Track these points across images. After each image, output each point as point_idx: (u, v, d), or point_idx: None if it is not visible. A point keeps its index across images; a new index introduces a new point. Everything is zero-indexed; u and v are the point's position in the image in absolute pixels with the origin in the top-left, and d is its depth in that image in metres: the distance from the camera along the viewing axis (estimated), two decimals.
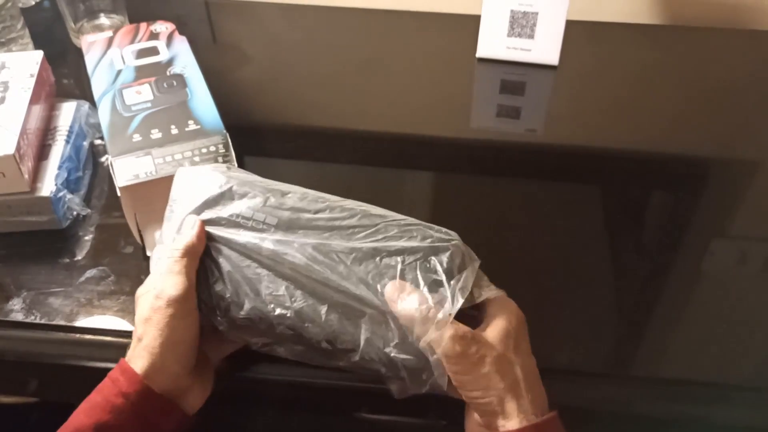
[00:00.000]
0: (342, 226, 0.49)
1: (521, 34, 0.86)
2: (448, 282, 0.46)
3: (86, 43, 0.75)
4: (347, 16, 0.99)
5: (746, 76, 0.89)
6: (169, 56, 0.73)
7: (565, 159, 0.79)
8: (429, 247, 0.47)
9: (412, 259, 0.47)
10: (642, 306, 0.63)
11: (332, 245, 0.48)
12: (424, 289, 0.45)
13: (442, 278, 0.46)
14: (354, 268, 0.47)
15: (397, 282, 0.46)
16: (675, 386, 0.56)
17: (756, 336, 0.60)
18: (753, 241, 0.69)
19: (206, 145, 0.64)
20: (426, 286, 0.46)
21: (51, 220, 0.66)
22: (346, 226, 0.49)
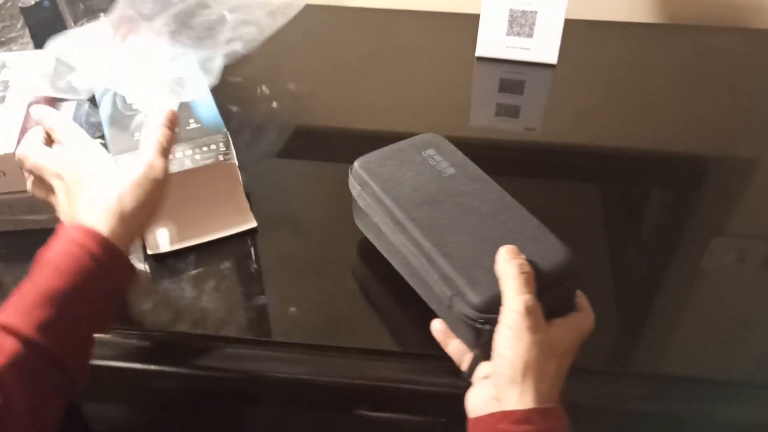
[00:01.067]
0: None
1: (520, 33, 0.87)
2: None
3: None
4: (346, 14, 0.99)
5: (744, 75, 0.89)
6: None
7: (564, 157, 0.79)
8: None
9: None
10: (641, 304, 0.63)
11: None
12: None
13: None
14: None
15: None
16: (675, 383, 0.57)
17: (755, 333, 0.61)
18: (752, 239, 0.69)
19: (207, 143, 0.64)
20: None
21: (51, 219, 0.66)
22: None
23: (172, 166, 0.62)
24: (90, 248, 0.47)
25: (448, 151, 0.62)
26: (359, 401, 0.60)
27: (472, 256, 0.52)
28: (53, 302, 0.45)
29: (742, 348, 0.59)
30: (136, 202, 0.51)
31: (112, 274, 0.49)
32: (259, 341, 0.58)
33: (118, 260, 0.49)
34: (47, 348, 0.44)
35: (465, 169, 0.60)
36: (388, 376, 0.57)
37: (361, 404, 0.61)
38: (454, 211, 0.56)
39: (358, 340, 0.58)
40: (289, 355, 0.57)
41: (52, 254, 0.48)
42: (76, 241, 0.48)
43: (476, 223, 0.55)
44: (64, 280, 0.46)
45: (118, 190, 0.51)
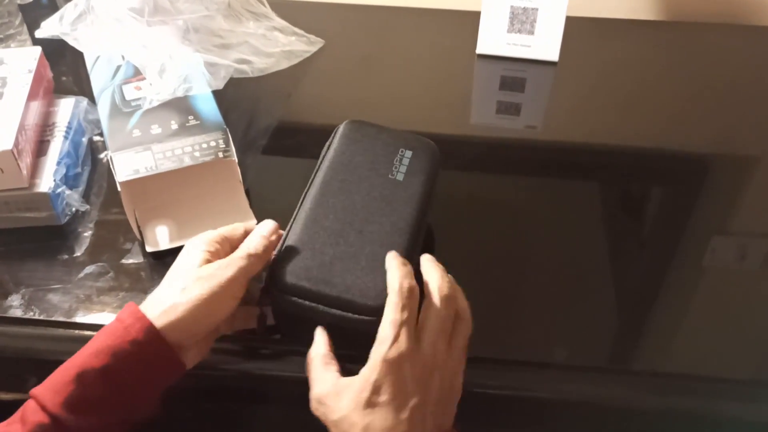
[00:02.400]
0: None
1: (521, 30, 0.86)
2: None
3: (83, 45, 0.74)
4: (347, 12, 0.98)
5: (746, 72, 0.89)
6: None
7: (565, 155, 0.79)
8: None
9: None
10: (642, 302, 0.63)
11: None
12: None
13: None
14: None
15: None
16: (675, 381, 0.56)
17: (756, 331, 0.60)
18: (753, 237, 0.69)
19: (206, 140, 0.64)
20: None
21: (49, 216, 0.66)
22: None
23: (170, 164, 0.62)
24: (133, 334, 0.47)
25: (423, 162, 0.60)
26: None
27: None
28: (85, 382, 0.45)
29: (743, 346, 0.59)
30: (195, 296, 0.48)
31: (151, 361, 0.47)
32: (259, 340, 0.58)
33: (159, 348, 0.47)
34: (67, 426, 0.45)
35: (412, 185, 0.58)
36: None
37: None
38: (348, 210, 0.55)
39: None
40: (288, 355, 0.57)
41: (100, 332, 0.48)
42: (122, 321, 0.47)
43: (351, 228, 0.54)
44: (99, 360, 0.46)
45: (182, 283, 0.49)
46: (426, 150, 0.62)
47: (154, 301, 0.49)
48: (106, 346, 0.46)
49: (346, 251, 0.53)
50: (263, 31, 0.85)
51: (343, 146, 0.61)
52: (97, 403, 0.46)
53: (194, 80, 0.68)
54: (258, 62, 0.80)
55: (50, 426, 0.44)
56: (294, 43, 0.87)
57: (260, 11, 0.87)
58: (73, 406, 0.45)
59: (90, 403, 0.45)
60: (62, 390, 0.45)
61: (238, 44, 0.81)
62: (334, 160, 0.60)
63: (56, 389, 0.45)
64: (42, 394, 0.45)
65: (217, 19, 0.80)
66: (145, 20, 0.70)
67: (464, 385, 0.51)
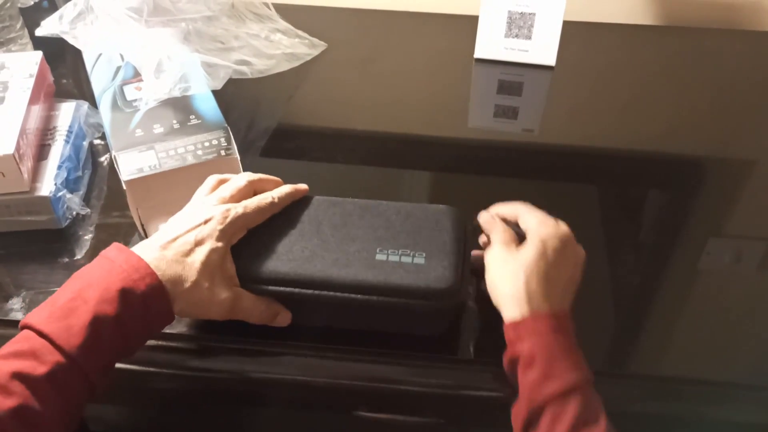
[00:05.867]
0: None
1: (519, 35, 0.87)
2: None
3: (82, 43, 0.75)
4: (348, 15, 0.99)
5: (742, 77, 0.89)
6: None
7: (562, 159, 0.79)
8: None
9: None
10: (639, 305, 0.63)
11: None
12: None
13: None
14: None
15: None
16: (672, 384, 0.57)
17: (752, 334, 0.61)
18: (749, 240, 0.70)
19: (208, 138, 0.64)
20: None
21: (50, 220, 0.66)
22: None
23: (173, 162, 0.62)
24: (142, 285, 0.49)
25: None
26: (358, 402, 0.60)
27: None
28: (97, 326, 0.47)
29: (739, 349, 0.59)
30: (195, 267, 0.52)
31: (154, 314, 0.51)
32: (258, 342, 0.58)
33: (162, 303, 0.50)
34: (83, 367, 0.47)
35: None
36: (387, 377, 0.57)
37: (360, 405, 0.61)
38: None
39: (356, 341, 0.58)
40: (287, 356, 0.58)
41: (105, 276, 0.49)
42: (132, 270, 0.50)
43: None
44: (112, 307, 0.48)
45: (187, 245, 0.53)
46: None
47: (154, 257, 0.51)
48: (118, 295, 0.48)
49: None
50: (266, 33, 0.86)
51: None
52: (107, 347, 0.48)
53: (192, 80, 0.69)
54: (258, 64, 0.81)
55: (68, 366, 0.46)
56: (296, 46, 0.87)
57: (264, 13, 0.88)
58: (88, 349, 0.47)
59: (101, 347, 0.47)
60: (78, 333, 0.46)
61: (239, 46, 0.81)
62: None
63: (72, 332, 0.46)
64: (59, 336, 0.46)
65: (220, 20, 0.81)
66: (144, 20, 0.70)
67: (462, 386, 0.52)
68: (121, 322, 0.48)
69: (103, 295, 0.48)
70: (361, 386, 0.57)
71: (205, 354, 0.58)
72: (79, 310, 0.47)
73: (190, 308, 0.53)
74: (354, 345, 0.57)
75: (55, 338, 0.46)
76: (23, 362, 0.45)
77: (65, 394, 0.46)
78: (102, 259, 0.51)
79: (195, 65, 0.72)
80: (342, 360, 0.57)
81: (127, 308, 0.48)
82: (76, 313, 0.47)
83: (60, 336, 0.46)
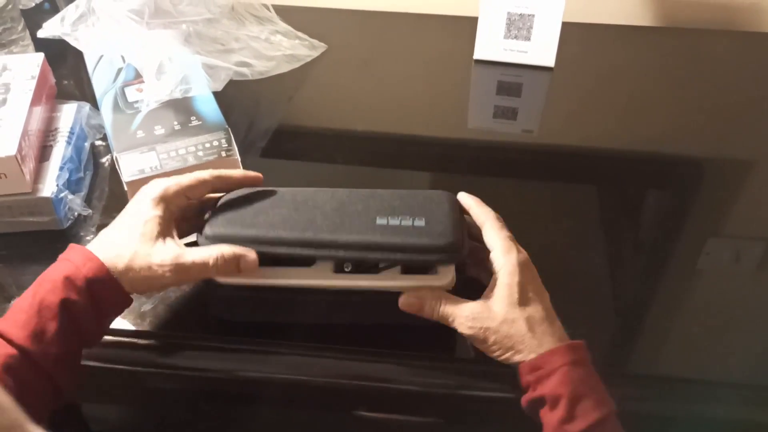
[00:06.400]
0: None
1: (518, 36, 0.87)
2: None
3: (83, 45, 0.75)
4: (348, 17, 0.99)
5: (741, 77, 0.90)
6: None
7: (562, 159, 0.79)
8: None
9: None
10: (638, 305, 0.63)
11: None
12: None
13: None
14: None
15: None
16: (671, 384, 0.57)
17: (751, 334, 0.61)
18: (747, 240, 0.70)
19: (209, 140, 0.65)
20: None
21: (52, 221, 0.67)
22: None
23: (174, 163, 0.62)
24: (85, 271, 0.50)
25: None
26: (358, 402, 0.60)
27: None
28: (47, 315, 0.49)
29: (739, 349, 0.60)
30: (127, 225, 0.53)
31: (103, 295, 0.51)
32: (257, 342, 0.58)
33: (109, 283, 0.51)
34: (36, 357, 0.48)
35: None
36: (387, 377, 0.57)
37: (360, 405, 0.61)
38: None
39: (356, 341, 0.58)
40: (287, 356, 0.58)
41: (51, 270, 0.51)
42: (72, 260, 0.51)
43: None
44: (57, 295, 0.49)
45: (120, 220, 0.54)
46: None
47: (97, 244, 0.53)
48: (62, 283, 0.50)
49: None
50: (266, 35, 0.86)
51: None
52: (56, 334, 0.49)
53: (193, 82, 0.69)
54: (258, 65, 0.81)
55: (18, 357, 0.47)
56: (296, 47, 0.87)
57: (264, 15, 0.88)
58: (37, 338, 0.48)
59: (51, 334, 0.49)
60: (26, 324, 0.48)
61: (239, 47, 0.82)
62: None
63: (20, 324, 0.49)
64: (7, 330, 0.48)
65: (220, 22, 0.81)
66: (145, 22, 0.71)
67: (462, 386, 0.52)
68: (67, 307, 0.49)
69: (48, 286, 0.50)
70: (360, 386, 0.57)
71: (204, 353, 0.58)
72: (26, 303, 0.49)
73: (139, 282, 0.52)
74: (353, 344, 0.58)
75: (5, 332, 0.48)
76: None
77: (23, 385, 0.47)
78: (57, 261, 0.53)
79: (196, 67, 0.72)
80: (341, 360, 0.57)
81: (72, 293, 0.49)
82: (24, 306, 0.49)
83: (9, 329, 0.48)
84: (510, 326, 0.51)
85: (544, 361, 0.50)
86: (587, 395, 0.49)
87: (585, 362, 0.51)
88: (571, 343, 0.51)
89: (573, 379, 0.49)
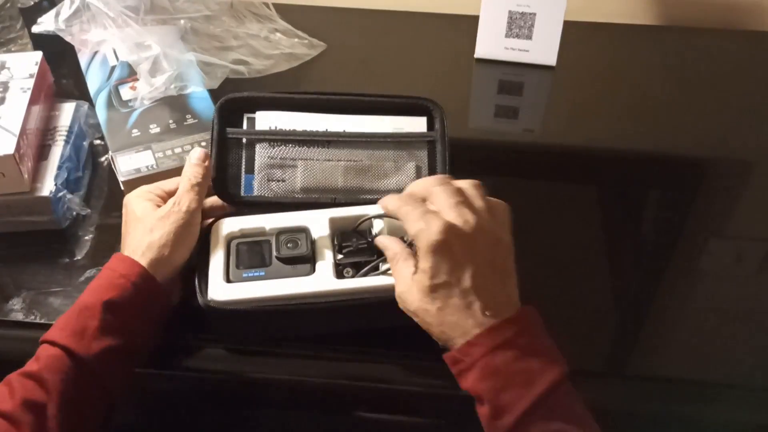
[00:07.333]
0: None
1: (519, 35, 0.87)
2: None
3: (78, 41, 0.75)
4: (348, 15, 0.99)
5: (743, 77, 0.89)
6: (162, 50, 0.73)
7: (563, 159, 0.79)
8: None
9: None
10: (639, 305, 0.63)
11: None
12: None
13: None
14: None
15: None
16: (671, 384, 0.57)
17: (753, 335, 0.61)
18: (750, 240, 0.70)
19: (205, 138, 0.65)
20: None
21: (51, 220, 0.66)
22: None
23: (170, 162, 0.62)
24: (121, 271, 0.52)
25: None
26: (358, 403, 0.60)
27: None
28: (87, 314, 0.50)
29: (740, 350, 0.59)
30: (164, 233, 0.54)
31: (143, 293, 0.52)
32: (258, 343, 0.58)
33: (148, 282, 0.53)
34: (82, 356, 0.49)
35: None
36: (388, 378, 0.57)
37: (360, 406, 0.61)
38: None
39: (356, 342, 0.58)
40: (286, 357, 0.58)
41: (92, 281, 0.53)
42: (109, 266, 0.54)
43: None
44: (96, 296, 0.51)
45: (149, 225, 0.55)
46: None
47: (130, 248, 0.54)
48: (100, 285, 0.52)
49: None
50: (265, 33, 0.86)
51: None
52: (100, 330, 0.50)
53: (188, 79, 0.69)
54: (256, 64, 0.81)
55: (62, 356, 0.48)
56: (296, 46, 0.87)
57: (264, 13, 0.88)
58: (80, 335, 0.49)
59: (94, 330, 0.50)
60: (67, 325, 0.50)
61: (237, 45, 0.81)
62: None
63: (61, 326, 0.50)
64: (49, 334, 0.50)
65: (219, 20, 0.81)
66: (140, 18, 0.70)
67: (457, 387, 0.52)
68: (110, 305, 0.51)
69: (88, 290, 0.52)
70: (360, 386, 0.57)
71: (204, 355, 0.58)
72: (69, 310, 0.51)
73: (166, 259, 0.54)
74: (353, 346, 0.57)
75: (48, 336, 0.50)
76: (25, 369, 0.49)
77: (69, 385, 0.48)
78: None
79: (191, 64, 0.72)
80: (341, 360, 0.57)
81: (112, 292, 0.51)
82: (66, 312, 0.51)
83: (51, 334, 0.50)
84: (425, 314, 0.49)
85: (462, 354, 0.48)
86: (511, 385, 0.46)
87: (509, 343, 0.47)
88: (494, 325, 0.47)
89: (492, 371, 0.46)
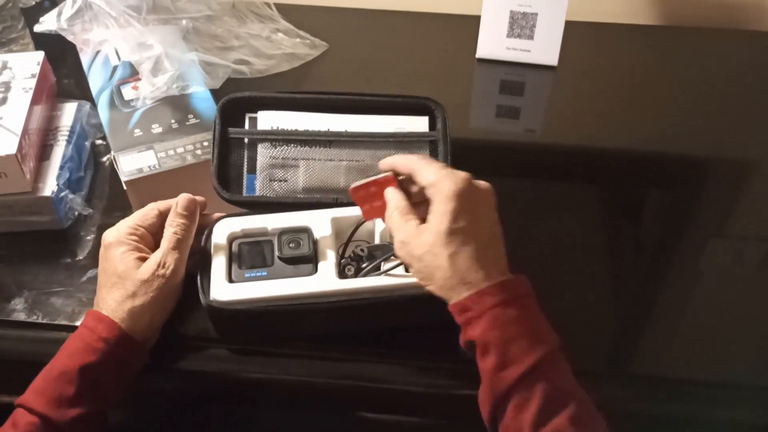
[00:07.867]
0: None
1: (521, 35, 0.87)
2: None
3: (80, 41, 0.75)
4: (350, 15, 0.99)
5: (744, 76, 0.89)
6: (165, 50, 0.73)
7: (564, 159, 0.79)
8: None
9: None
10: (639, 305, 0.63)
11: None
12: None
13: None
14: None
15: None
16: (671, 384, 0.57)
17: (753, 334, 0.61)
18: (750, 240, 0.70)
19: (207, 138, 0.65)
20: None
21: (52, 220, 0.67)
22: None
23: (173, 162, 0.62)
24: (100, 333, 0.52)
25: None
26: (358, 403, 0.60)
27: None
28: (64, 380, 0.50)
29: (740, 349, 0.60)
30: (147, 301, 0.54)
31: (120, 355, 0.52)
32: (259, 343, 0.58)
33: (126, 342, 0.52)
34: (59, 423, 0.49)
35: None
36: (388, 378, 0.57)
37: (360, 406, 0.61)
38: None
39: (357, 342, 0.58)
40: (287, 357, 0.58)
41: (69, 339, 0.53)
42: (87, 325, 0.53)
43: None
44: (74, 361, 0.51)
45: (131, 289, 0.54)
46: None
47: (110, 309, 0.53)
48: (78, 347, 0.52)
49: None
50: (267, 33, 0.86)
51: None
52: (77, 397, 0.50)
53: (190, 79, 0.69)
54: (258, 64, 0.81)
55: (40, 425, 0.49)
56: (297, 46, 0.87)
57: (266, 14, 0.88)
58: (57, 403, 0.49)
59: (71, 398, 0.50)
60: (45, 391, 0.50)
61: (239, 45, 0.81)
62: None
63: (39, 392, 0.50)
64: (27, 399, 0.50)
65: (221, 20, 0.81)
66: (142, 18, 0.70)
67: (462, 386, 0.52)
68: (87, 371, 0.50)
69: (64, 352, 0.52)
70: (360, 386, 0.57)
71: (205, 355, 0.58)
72: (45, 372, 0.51)
73: (144, 314, 0.54)
74: (354, 346, 0.58)
75: (25, 402, 0.50)
76: (5, 430, 0.50)
77: None
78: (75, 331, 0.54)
79: (193, 64, 0.72)
80: (341, 360, 0.57)
81: (89, 356, 0.51)
82: (42, 374, 0.51)
83: (29, 399, 0.50)
84: (433, 258, 0.48)
85: (473, 302, 0.47)
86: (521, 337, 0.46)
87: (519, 300, 0.48)
88: (503, 281, 0.48)
89: (503, 321, 0.46)
